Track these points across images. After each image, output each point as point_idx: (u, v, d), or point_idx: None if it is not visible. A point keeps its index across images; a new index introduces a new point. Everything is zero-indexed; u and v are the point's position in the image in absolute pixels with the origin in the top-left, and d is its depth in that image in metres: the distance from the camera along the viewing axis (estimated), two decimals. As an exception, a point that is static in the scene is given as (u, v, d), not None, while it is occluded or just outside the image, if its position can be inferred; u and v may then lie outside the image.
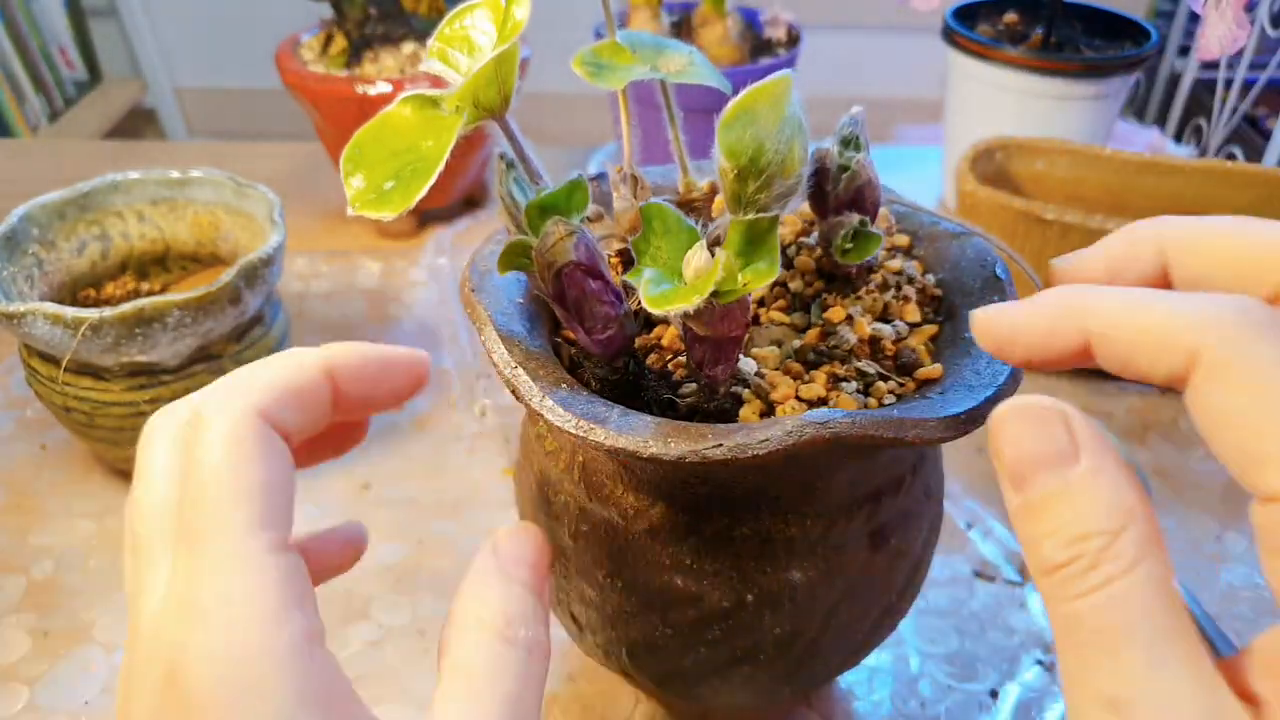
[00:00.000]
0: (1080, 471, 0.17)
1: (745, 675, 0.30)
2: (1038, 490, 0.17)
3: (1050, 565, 0.17)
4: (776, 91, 0.22)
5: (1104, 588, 0.16)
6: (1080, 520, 0.17)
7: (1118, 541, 0.16)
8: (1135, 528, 0.16)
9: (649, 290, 0.22)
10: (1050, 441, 0.17)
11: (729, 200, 0.22)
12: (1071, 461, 0.17)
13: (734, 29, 0.66)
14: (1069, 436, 0.17)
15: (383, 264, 0.70)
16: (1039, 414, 0.17)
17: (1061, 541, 0.17)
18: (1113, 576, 0.16)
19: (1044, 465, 0.17)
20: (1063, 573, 0.17)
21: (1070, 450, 0.17)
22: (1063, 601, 0.17)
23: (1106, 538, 0.16)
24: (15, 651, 0.42)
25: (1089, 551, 0.16)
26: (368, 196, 0.23)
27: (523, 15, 0.24)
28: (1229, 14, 0.50)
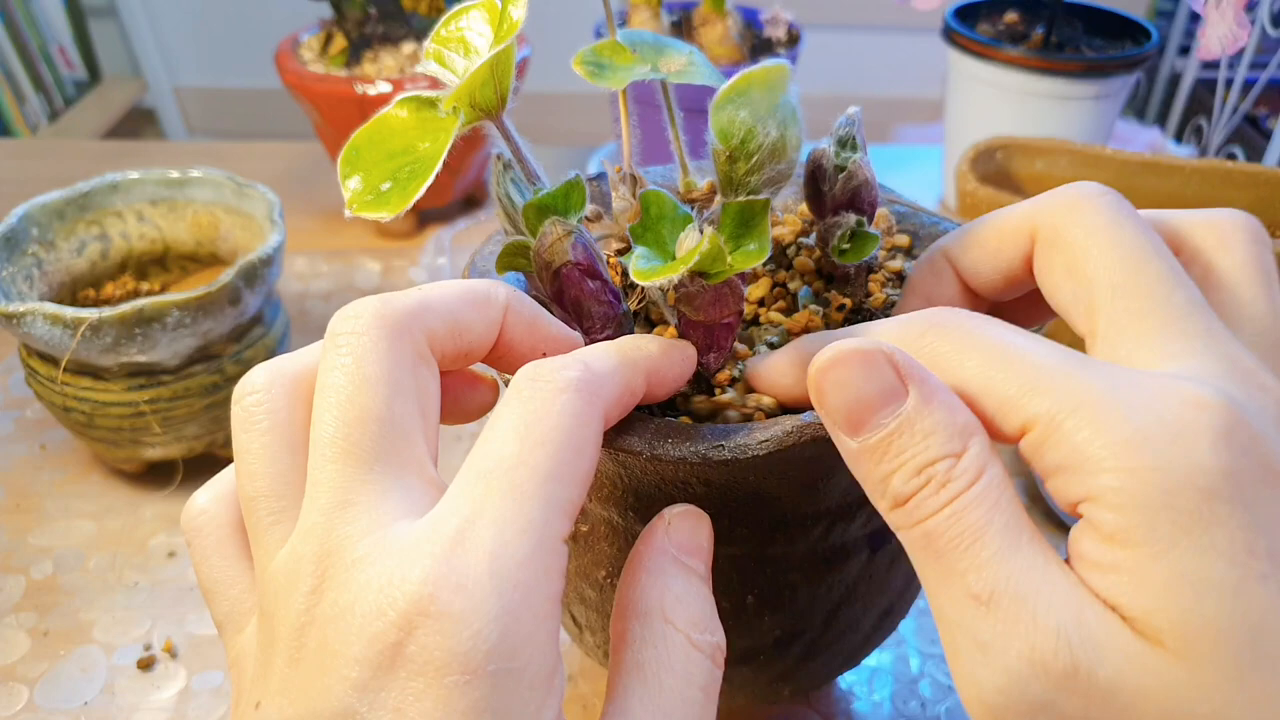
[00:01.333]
0: (912, 405, 0.17)
1: (745, 676, 0.30)
2: (875, 433, 0.18)
3: (900, 498, 0.18)
4: (771, 77, 0.22)
5: (954, 501, 0.17)
6: (923, 451, 0.17)
7: (961, 461, 0.17)
8: (975, 442, 0.17)
9: (638, 264, 0.22)
10: (878, 381, 0.17)
11: (721, 182, 0.22)
12: (901, 397, 0.17)
13: (734, 28, 0.66)
14: (894, 373, 0.17)
15: (382, 264, 0.70)
16: (862, 357, 0.18)
17: (908, 474, 0.17)
18: (961, 490, 0.17)
19: (876, 407, 0.17)
20: (913, 500, 0.17)
21: (899, 386, 0.17)
22: (916, 524, 0.17)
23: (950, 460, 0.17)
24: (15, 651, 0.42)
25: (936, 475, 0.17)
26: (365, 198, 0.23)
27: (519, 16, 0.24)
28: (1229, 14, 0.50)
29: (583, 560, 0.30)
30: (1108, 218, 0.19)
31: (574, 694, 0.41)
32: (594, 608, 0.30)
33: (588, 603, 0.30)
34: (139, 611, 0.44)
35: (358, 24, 0.70)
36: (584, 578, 0.30)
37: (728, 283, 0.24)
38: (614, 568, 0.29)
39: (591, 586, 0.30)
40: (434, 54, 0.26)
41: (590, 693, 0.41)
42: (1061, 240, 0.20)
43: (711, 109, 0.22)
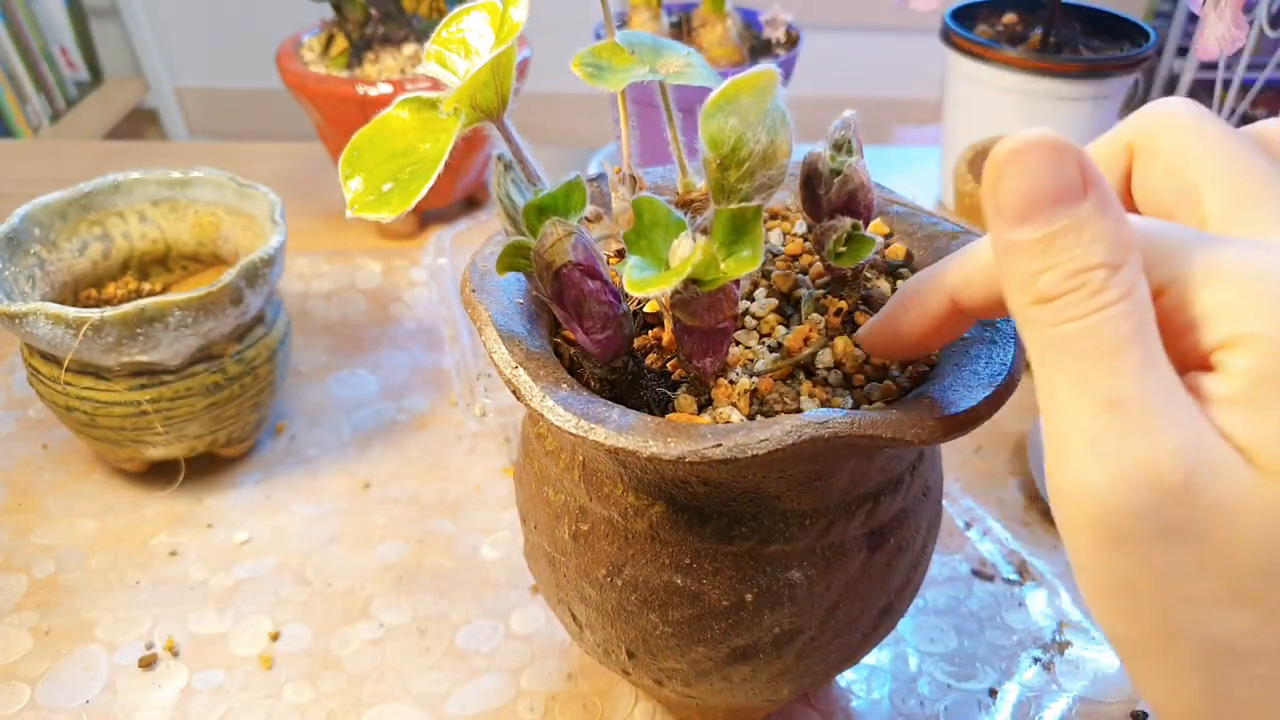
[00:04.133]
0: (1088, 208, 0.17)
1: (744, 674, 0.30)
2: (1044, 226, 0.17)
3: (1047, 296, 0.18)
4: (760, 83, 0.22)
5: (1106, 309, 0.17)
6: (1085, 256, 0.17)
7: (1119, 273, 0.17)
8: (1134, 259, 0.17)
9: (631, 275, 0.22)
10: (1063, 177, 0.17)
11: (713, 190, 0.23)
12: (1079, 198, 0.17)
13: (734, 29, 0.66)
14: (1079, 173, 0.17)
15: (383, 264, 0.70)
16: (1055, 149, 0.17)
17: (1062, 275, 0.17)
18: (1114, 301, 0.17)
19: (1055, 200, 0.17)
20: (1060, 300, 0.17)
21: (1079, 187, 0.17)
22: (1055, 326, 0.18)
23: (1108, 270, 0.17)
24: (17, 650, 0.43)
25: (1092, 282, 0.17)
26: (366, 198, 0.23)
27: (519, 17, 0.24)
28: (1227, 15, 0.50)
29: (583, 559, 0.30)
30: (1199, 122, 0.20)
31: (574, 692, 0.41)
32: (594, 607, 0.30)
33: (588, 602, 0.31)
34: (141, 610, 0.45)
35: (359, 25, 0.70)
36: (584, 577, 0.30)
37: (722, 289, 0.24)
38: (614, 566, 0.29)
39: (591, 585, 0.30)
40: (435, 55, 0.26)
41: (591, 691, 0.41)
42: (1158, 146, 0.21)
43: (701, 117, 0.22)
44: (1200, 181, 0.20)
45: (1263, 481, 0.16)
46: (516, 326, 0.27)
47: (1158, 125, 0.21)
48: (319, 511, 0.50)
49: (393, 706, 0.40)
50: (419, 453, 0.54)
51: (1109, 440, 0.17)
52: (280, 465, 0.53)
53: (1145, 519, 0.17)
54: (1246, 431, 0.17)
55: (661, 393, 0.27)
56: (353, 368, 0.60)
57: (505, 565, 0.47)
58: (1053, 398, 0.18)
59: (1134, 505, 0.17)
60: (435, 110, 0.24)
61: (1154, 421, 0.17)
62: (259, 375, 0.49)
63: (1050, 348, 0.18)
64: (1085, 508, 0.17)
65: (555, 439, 0.30)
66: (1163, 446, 0.16)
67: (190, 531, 0.49)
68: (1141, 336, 0.17)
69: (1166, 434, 0.17)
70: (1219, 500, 0.16)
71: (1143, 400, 0.17)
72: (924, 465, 0.31)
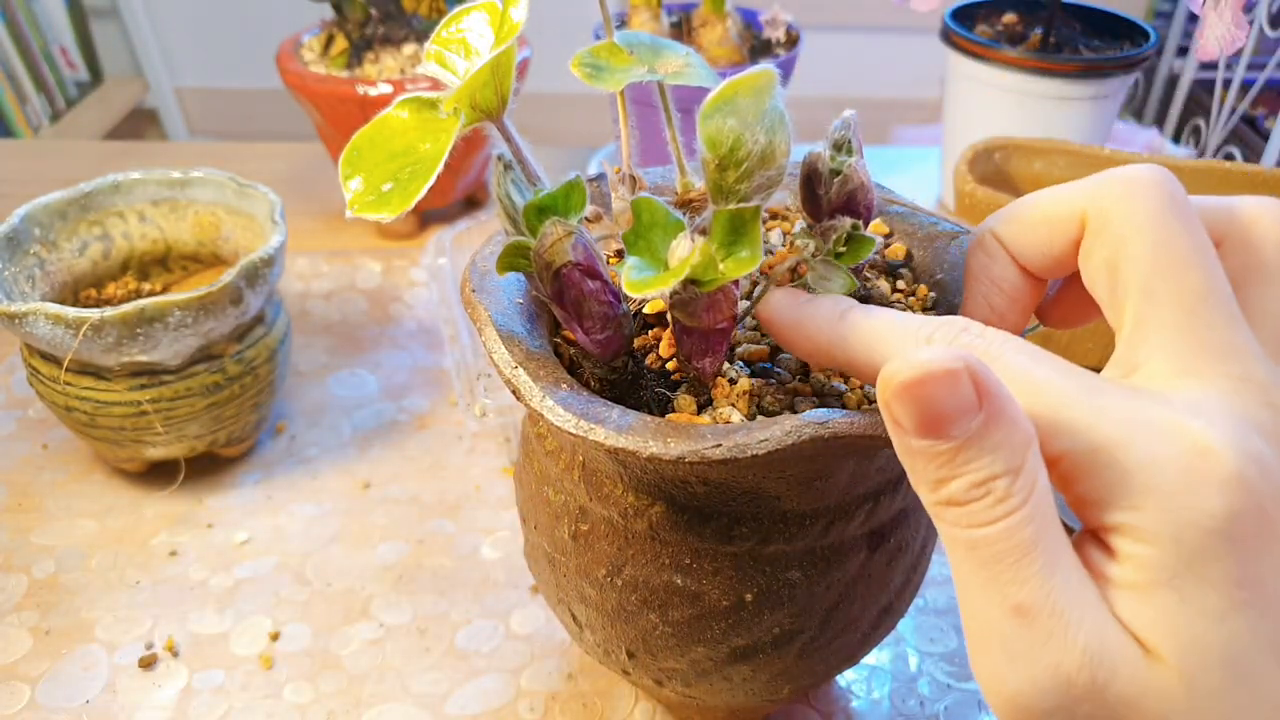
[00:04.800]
0: (984, 420, 0.17)
1: (744, 674, 0.30)
2: (945, 442, 0.18)
3: (957, 502, 0.18)
4: (758, 83, 0.22)
5: (1009, 517, 0.18)
6: (988, 466, 0.18)
7: (1019, 478, 0.18)
8: (1032, 455, 0.18)
9: (630, 275, 0.22)
10: (958, 398, 0.17)
11: (711, 191, 0.23)
12: (975, 412, 0.17)
13: (733, 30, 0.66)
14: (973, 389, 0.17)
15: (383, 264, 0.70)
16: (948, 377, 0.17)
17: (967, 485, 0.18)
18: (1016, 508, 0.18)
19: (950, 420, 0.18)
20: (970, 507, 0.18)
21: (975, 402, 0.17)
22: (967, 529, 0.18)
23: (1010, 478, 0.18)
24: (17, 650, 0.43)
25: (995, 490, 0.18)
26: (366, 198, 0.23)
27: (519, 17, 0.24)
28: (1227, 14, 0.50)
29: (583, 559, 0.30)
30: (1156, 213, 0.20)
31: (574, 692, 0.41)
32: (594, 606, 0.30)
33: (588, 601, 0.31)
34: (141, 610, 0.45)
35: (359, 25, 0.70)
36: (584, 576, 0.30)
37: (721, 289, 0.24)
38: (614, 566, 0.29)
39: (591, 585, 0.30)
40: (435, 55, 0.26)
41: (590, 691, 0.41)
42: (1107, 232, 0.21)
43: (699, 118, 0.22)
44: (1129, 289, 0.20)
45: (1156, 670, 0.17)
46: (516, 326, 0.27)
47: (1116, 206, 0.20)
48: (319, 511, 0.50)
49: (393, 706, 0.40)
50: (419, 453, 0.54)
51: (1018, 645, 0.18)
52: (280, 465, 0.53)
53: (1056, 716, 0.18)
54: (1138, 620, 0.17)
55: (661, 393, 0.27)
56: (353, 368, 0.60)
57: (505, 565, 0.47)
58: (967, 594, 0.19)
59: (1045, 707, 0.18)
60: (435, 110, 0.24)
61: (1059, 625, 0.17)
62: (259, 375, 0.49)
63: (959, 548, 0.18)
64: (1004, 708, 0.18)
65: (555, 439, 0.30)
66: (1069, 651, 0.17)
67: (190, 531, 0.49)
68: (1044, 538, 0.18)
69: (1073, 638, 0.17)
70: (1121, 694, 0.17)
71: (1049, 606, 0.17)
72: (924, 465, 0.31)
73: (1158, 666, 0.17)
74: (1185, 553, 0.17)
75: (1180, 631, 0.17)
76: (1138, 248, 0.20)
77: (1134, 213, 0.20)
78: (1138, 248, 0.20)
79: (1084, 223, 0.21)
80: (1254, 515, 0.17)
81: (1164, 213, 0.20)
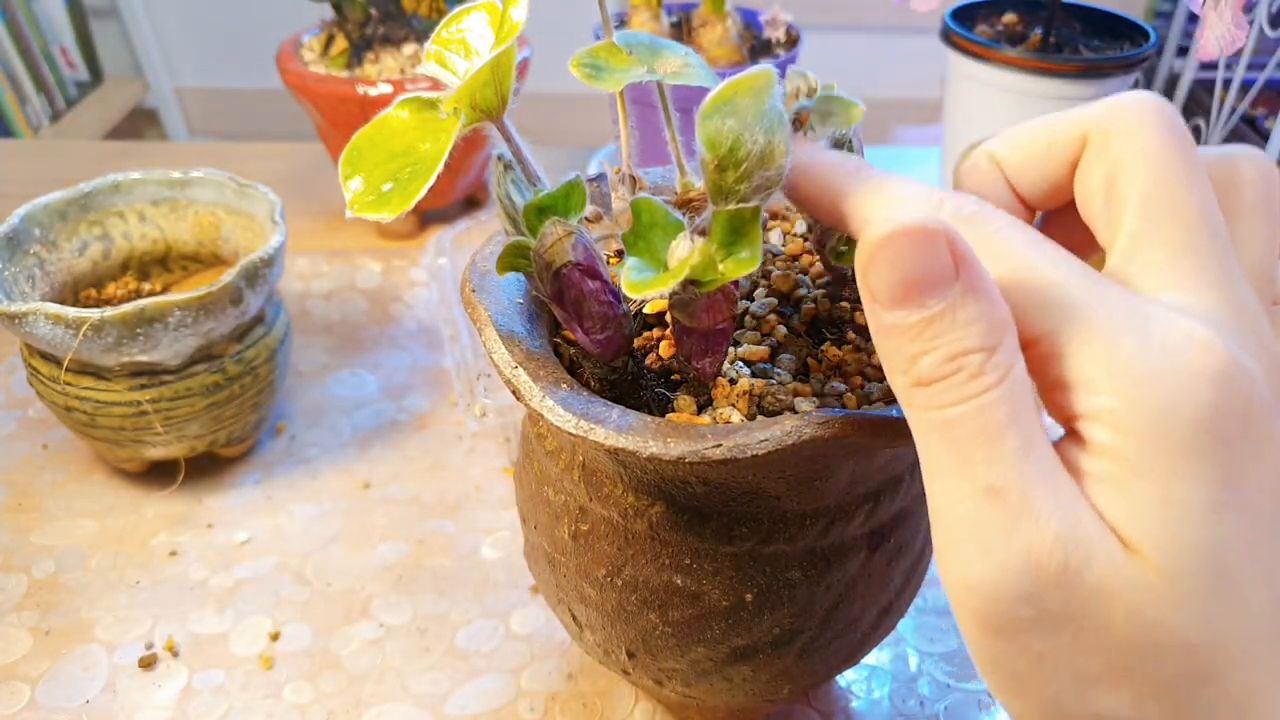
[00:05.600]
0: (960, 290, 0.17)
1: (744, 674, 0.30)
2: (918, 311, 0.17)
3: (927, 380, 0.18)
4: (757, 83, 0.22)
5: (983, 395, 0.17)
6: (961, 340, 0.17)
7: (994, 356, 0.17)
8: (1009, 338, 0.17)
9: (629, 276, 0.22)
10: (933, 262, 0.17)
11: (710, 191, 0.23)
12: (951, 281, 0.17)
13: (734, 30, 0.66)
14: (950, 256, 0.17)
15: (383, 264, 0.70)
16: (925, 235, 0.17)
17: (940, 359, 0.17)
18: (991, 385, 0.17)
19: (928, 286, 0.17)
20: (940, 384, 0.17)
21: (952, 270, 0.17)
22: (937, 409, 0.17)
23: (985, 354, 0.17)
24: (17, 650, 0.43)
25: (969, 366, 0.17)
26: (366, 198, 0.23)
27: (519, 17, 0.24)
28: (1227, 15, 0.50)
29: (583, 559, 0.30)
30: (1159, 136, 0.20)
31: (574, 692, 0.41)
32: (594, 606, 0.30)
33: (588, 601, 0.31)
34: (141, 610, 0.45)
35: (359, 25, 0.70)
36: (584, 576, 0.30)
37: (721, 290, 0.24)
38: (614, 566, 0.29)
39: (591, 585, 0.30)
40: (435, 55, 0.26)
41: (590, 691, 0.41)
42: (1108, 150, 0.20)
43: (698, 118, 0.22)
44: (1127, 205, 0.19)
45: (1132, 561, 0.17)
46: (516, 326, 0.27)
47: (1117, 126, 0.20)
48: (319, 511, 0.50)
49: (393, 706, 0.40)
50: (419, 453, 0.54)
51: (989, 531, 0.17)
52: (280, 465, 0.53)
53: (1025, 608, 0.17)
54: (1117, 513, 0.17)
55: (661, 393, 0.27)
56: (353, 368, 0.60)
57: (505, 565, 0.47)
58: (936, 482, 0.18)
59: (1013, 595, 0.17)
60: (435, 110, 0.24)
61: (1032, 509, 0.17)
62: (259, 375, 0.49)
63: (931, 431, 0.18)
64: (970, 599, 0.18)
65: (555, 439, 0.30)
66: (1041, 535, 0.17)
67: (190, 531, 0.49)
68: (1018, 421, 0.17)
69: (1045, 521, 0.17)
70: (1094, 584, 0.17)
71: (1021, 487, 0.17)
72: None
73: (1136, 561, 0.17)
74: (1168, 445, 0.16)
75: (1162, 527, 0.16)
76: (1140, 166, 0.19)
77: (1137, 133, 0.20)
78: (1140, 166, 0.19)
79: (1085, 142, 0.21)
80: (1240, 417, 0.17)
81: (1167, 136, 0.20)
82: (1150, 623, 0.17)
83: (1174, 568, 0.16)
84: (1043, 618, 0.17)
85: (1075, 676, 0.17)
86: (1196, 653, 0.17)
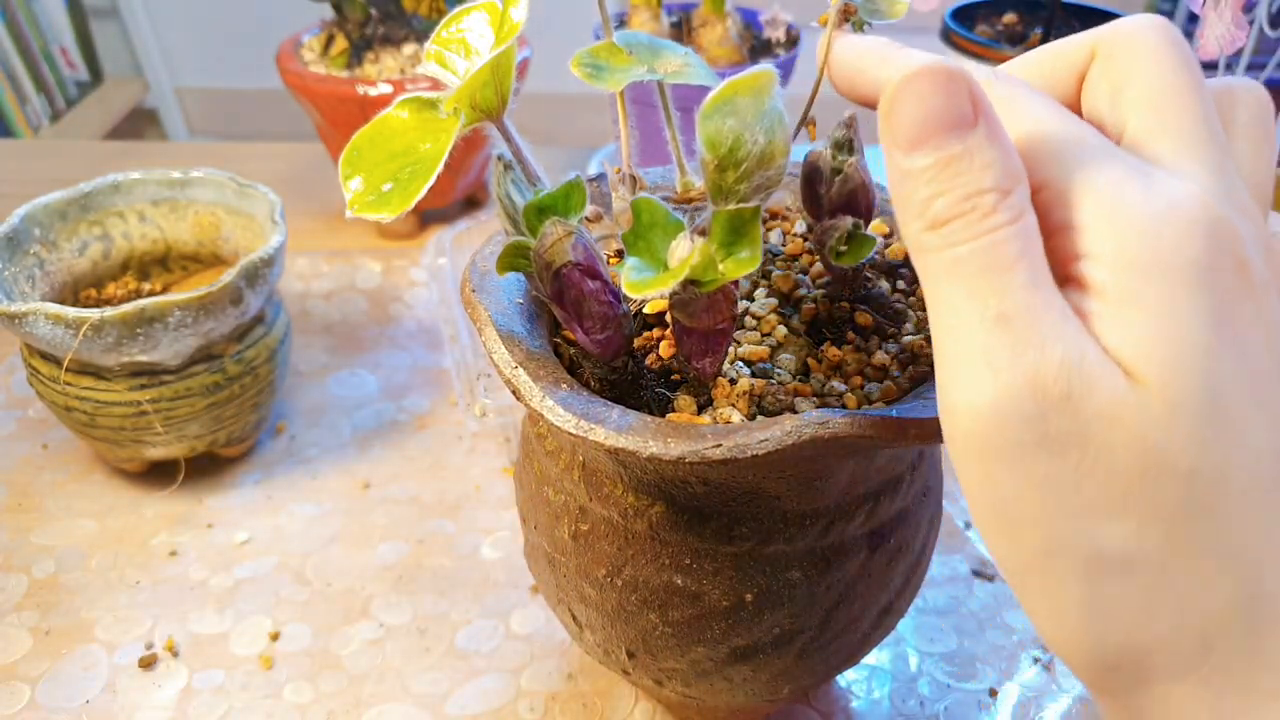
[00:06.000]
0: (979, 136, 0.18)
1: (744, 674, 0.30)
2: (935, 154, 0.18)
3: (940, 220, 0.18)
4: (757, 83, 0.22)
5: (996, 232, 0.18)
6: (976, 181, 0.18)
7: (1008, 198, 0.18)
8: (1022, 186, 0.18)
9: (629, 276, 0.22)
10: (954, 104, 0.18)
11: (710, 191, 0.23)
12: (970, 125, 0.18)
13: (733, 30, 0.66)
14: (969, 101, 0.18)
15: (383, 264, 0.70)
16: (947, 76, 0.18)
17: (955, 199, 0.18)
18: (1004, 224, 0.18)
19: (947, 127, 0.18)
20: (953, 224, 0.18)
21: (970, 115, 0.18)
22: (948, 248, 0.18)
23: (999, 195, 0.18)
24: (17, 650, 0.43)
25: (983, 205, 0.18)
26: (366, 198, 0.23)
27: (519, 17, 0.24)
28: (1227, 15, 0.50)
29: (583, 559, 0.30)
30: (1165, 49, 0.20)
31: (574, 692, 0.41)
32: (594, 606, 0.30)
33: (588, 601, 0.31)
34: (141, 610, 0.45)
35: (359, 25, 0.70)
36: (584, 576, 0.30)
37: (721, 290, 0.24)
38: (614, 566, 0.29)
39: (591, 585, 0.30)
40: (435, 55, 0.26)
41: (590, 691, 0.41)
42: (1115, 59, 0.21)
43: (699, 118, 0.22)
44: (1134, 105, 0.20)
45: (1135, 389, 0.17)
46: (516, 326, 0.27)
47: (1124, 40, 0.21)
48: (319, 511, 0.50)
49: (393, 706, 0.40)
50: (419, 453, 0.54)
51: (997, 353, 0.18)
52: (280, 465, 0.53)
53: (1029, 430, 0.17)
54: (1116, 343, 0.18)
55: (661, 393, 0.27)
56: (353, 368, 0.60)
57: (505, 565, 0.47)
58: (944, 318, 0.19)
59: (1019, 416, 0.17)
60: (435, 110, 0.24)
61: (1039, 334, 0.17)
62: (259, 375, 0.49)
63: (943, 270, 0.18)
64: (974, 425, 0.18)
65: (555, 439, 0.30)
66: (1047, 359, 0.17)
67: (190, 531, 0.49)
68: (1029, 257, 0.18)
69: (1051, 347, 0.17)
70: (1098, 410, 0.17)
71: (1029, 314, 0.17)
72: (924, 465, 0.31)
73: (1139, 389, 0.17)
74: (1167, 281, 0.17)
75: (1163, 357, 0.17)
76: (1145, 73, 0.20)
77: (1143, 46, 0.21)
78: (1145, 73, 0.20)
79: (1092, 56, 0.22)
80: (1232, 262, 0.17)
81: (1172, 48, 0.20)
82: (1153, 446, 0.17)
83: (1176, 394, 0.17)
84: (1046, 440, 0.17)
85: (1077, 505, 0.18)
86: (1197, 478, 0.17)
